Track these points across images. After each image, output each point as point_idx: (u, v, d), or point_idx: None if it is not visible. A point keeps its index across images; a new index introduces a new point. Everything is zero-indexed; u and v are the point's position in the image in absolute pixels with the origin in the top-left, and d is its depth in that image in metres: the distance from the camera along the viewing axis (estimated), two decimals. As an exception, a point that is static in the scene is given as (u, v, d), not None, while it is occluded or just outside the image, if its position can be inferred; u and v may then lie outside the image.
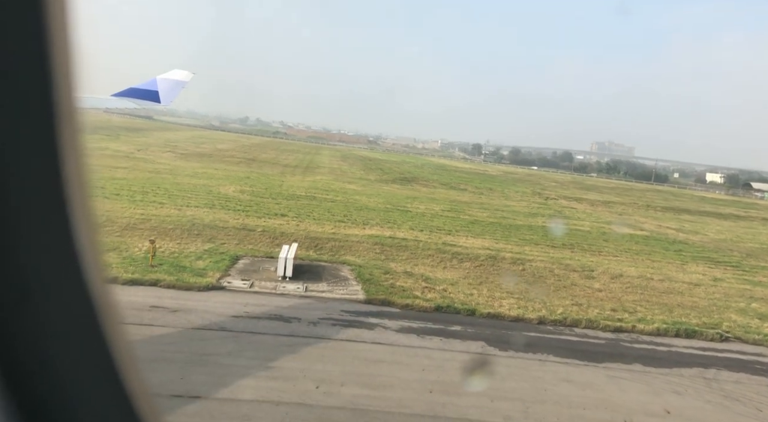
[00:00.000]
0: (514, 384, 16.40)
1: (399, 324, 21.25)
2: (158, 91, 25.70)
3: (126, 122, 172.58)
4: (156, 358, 15.76)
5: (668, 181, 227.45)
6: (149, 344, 16.70)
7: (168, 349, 16.55)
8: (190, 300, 21.45)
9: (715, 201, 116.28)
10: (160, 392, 13.77)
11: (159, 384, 14.18)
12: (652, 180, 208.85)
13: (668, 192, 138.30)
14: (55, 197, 1.61)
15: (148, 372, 13.19)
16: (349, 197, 56.47)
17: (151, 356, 15.86)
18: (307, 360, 16.89)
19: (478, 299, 25.39)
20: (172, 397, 13.63)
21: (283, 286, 24.84)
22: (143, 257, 26.09)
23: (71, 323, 1.72)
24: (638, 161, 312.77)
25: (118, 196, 39.29)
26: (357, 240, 35.18)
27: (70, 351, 1.72)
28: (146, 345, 16.54)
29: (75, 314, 1.71)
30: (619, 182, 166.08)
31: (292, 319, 20.60)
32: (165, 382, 14.27)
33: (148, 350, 16.27)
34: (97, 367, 1.76)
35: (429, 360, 17.83)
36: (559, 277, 31.34)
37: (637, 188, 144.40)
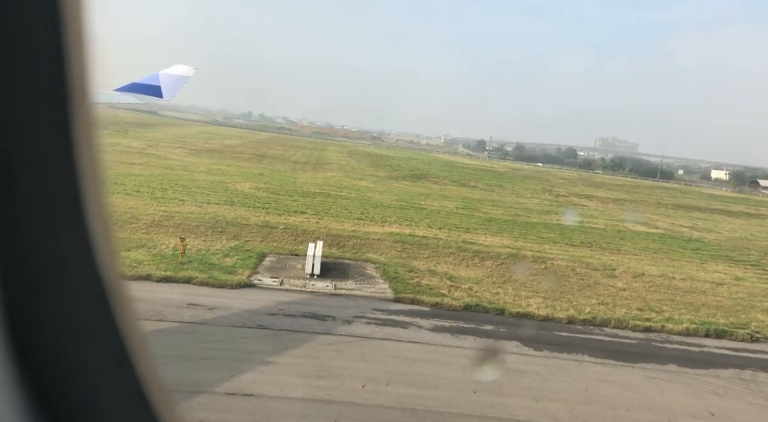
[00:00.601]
0: (555, 384, 16.58)
1: (431, 322, 21.43)
2: (161, 86, 25.78)
3: (132, 117, 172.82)
4: (204, 356, 15.98)
5: (673, 178, 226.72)
6: (194, 342, 16.92)
7: (214, 347, 16.75)
8: (224, 298, 21.66)
9: (723, 199, 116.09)
10: (215, 390, 14.01)
11: (212, 381, 14.42)
12: (657, 177, 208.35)
13: (676, 189, 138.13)
14: (70, 192, 1.63)
15: (199, 369, 13.44)
16: (362, 194, 56.60)
17: (198, 354, 16.09)
18: (350, 358, 17.09)
19: (504, 298, 25.55)
20: (226, 395, 13.84)
21: (312, 284, 25.04)
22: (172, 255, 26.30)
23: (86, 317, 1.73)
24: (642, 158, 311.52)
25: (139, 193, 39.50)
26: (378, 238, 35.33)
27: (84, 345, 1.73)
28: (191, 343, 16.76)
29: (90, 308, 1.72)
30: (626, 179, 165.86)
31: (327, 317, 20.79)
32: (217, 380, 14.49)
33: (195, 348, 16.49)
34: (111, 361, 1.77)
35: (466, 359, 18.01)
36: (581, 276, 31.46)
37: (644, 185, 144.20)
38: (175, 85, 26.39)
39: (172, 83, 26.19)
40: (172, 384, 14.03)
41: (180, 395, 13.62)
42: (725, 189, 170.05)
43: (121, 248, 26.20)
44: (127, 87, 25.64)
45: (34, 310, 1.66)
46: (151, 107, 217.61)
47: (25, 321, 1.65)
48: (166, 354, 15.86)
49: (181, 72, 26.97)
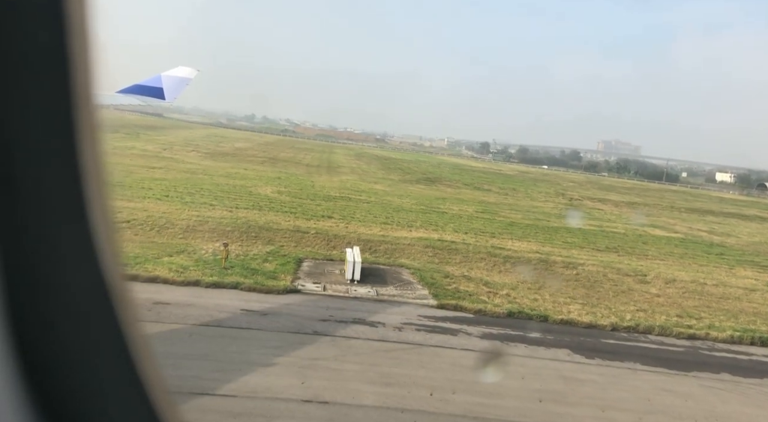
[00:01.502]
0: (616, 393, 16.72)
1: (479, 330, 21.58)
2: (163, 88, 25.89)
3: (139, 120, 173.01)
4: (269, 363, 16.15)
5: (678, 180, 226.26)
6: (258, 348, 17.11)
7: (276, 354, 16.93)
8: (274, 304, 21.84)
9: (734, 202, 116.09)
10: (291, 397, 14.18)
11: (285, 388, 14.61)
12: (663, 180, 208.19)
13: (685, 193, 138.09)
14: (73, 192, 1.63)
15: (270, 376, 13.59)
16: (381, 198, 56.77)
17: (265, 360, 16.28)
18: (409, 366, 17.26)
19: (544, 305, 25.69)
20: (303, 402, 14.01)
21: (354, 289, 25.20)
22: (213, 260, 26.50)
23: (88, 317, 1.73)
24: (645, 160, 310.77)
25: (168, 197, 39.70)
26: (408, 243, 35.50)
27: (87, 345, 1.74)
28: (255, 349, 16.95)
29: (92, 309, 1.72)
30: (634, 182, 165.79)
31: (377, 324, 20.95)
32: (290, 387, 14.69)
33: (260, 353, 16.69)
34: (113, 361, 1.77)
35: (523, 367, 18.16)
36: (614, 282, 31.59)
37: (653, 188, 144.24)
38: (177, 87, 26.54)
39: (174, 85, 26.34)
40: (247, 391, 14.24)
41: (258, 402, 13.82)
42: (732, 192, 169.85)
43: (162, 253, 26.43)
44: (129, 89, 25.67)
45: (36, 310, 1.66)
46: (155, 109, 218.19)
47: (27, 321, 1.65)
48: (234, 359, 16.11)
49: (183, 74, 27.14)
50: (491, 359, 18.67)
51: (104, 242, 1.68)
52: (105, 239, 1.69)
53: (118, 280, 1.72)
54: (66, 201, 1.64)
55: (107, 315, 1.71)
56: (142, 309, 19.37)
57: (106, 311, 1.71)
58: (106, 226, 1.70)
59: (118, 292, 1.72)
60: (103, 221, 1.68)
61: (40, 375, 1.68)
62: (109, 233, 1.72)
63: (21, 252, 1.61)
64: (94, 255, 1.66)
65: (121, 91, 25.79)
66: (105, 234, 1.69)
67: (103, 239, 1.68)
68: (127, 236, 28.44)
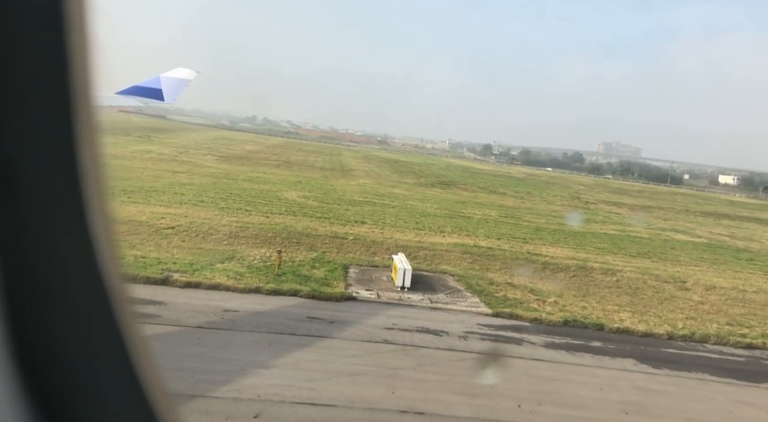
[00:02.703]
0: (695, 405, 16.85)
1: (541, 339, 21.68)
2: (162, 90, 25.93)
3: (146, 122, 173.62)
4: (355, 372, 16.27)
5: (682, 183, 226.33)
6: (337, 357, 17.21)
7: (356, 362, 17.04)
8: (336, 311, 21.96)
9: (744, 205, 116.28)
10: (388, 407, 14.29)
11: (378, 398, 14.74)
12: (668, 182, 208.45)
13: (694, 196, 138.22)
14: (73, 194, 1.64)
15: (358, 386, 13.71)
16: (404, 203, 56.85)
17: (347, 369, 16.40)
18: (485, 376, 17.32)
19: (595, 313, 25.79)
20: (400, 413, 14.11)
21: (407, 297, 25.30)
22: (264, 266, 26.63)
23: (87, 319, 1.72)
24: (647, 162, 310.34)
25: (204, 203, 39.82)
26: (444, 249, 35.60)
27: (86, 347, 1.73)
28: (336, 358, 17.05)
29: (91, 310, 1.72)
30: (642, 185, 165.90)
31: (441, 332, 21.05)
32: (383, 397, 14.82)
33: (341, 363, 16.80)
34: (113, 363, 1.76)
35: (597, 378, 18.27)
36: (655, 289, 31.70)
37: (661, 191, 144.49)
38: (177, 89, 26.62)
39: (173, 86, 26.42)
40: (344, 401, 14.33)
41: (357, 413, 13.91)
42: (739, 195, 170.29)
43: (214, 259, 26.52)
44: (128, 90, 25.88)
45: (35, 311, 1.65)
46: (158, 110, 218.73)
47: (26, 321, 1.64)
48: (318, 368, 16.19)
49: (182, 75, 27.21)
50: (562, 369, 18.74)
51: (104, 243, 1.69)
52: (104, 240, 1.70)
53: (117, 281, 1.73)
54: (65, 202, 1.65)
55: (106, 316, 1.72)
56: (215, 317, 19.50)
57: (105, 312, 1.71)
58: (106, 227, 1.71)
59: (117, 293, 1.73)
60: (102, 221, 1.69)
61: (38, 376, 1.68)
62: (109, 235, 1.72)
63: (20, 253, 1.62)
64: (93, 256, 1.68)
65: (121, 93, 25.82)
66: (104, 235, 1.70)
67: (103, 240, 1.69)
68: (174, 242, 28.54)
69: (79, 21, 1.57)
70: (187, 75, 27.41)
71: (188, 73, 27.56)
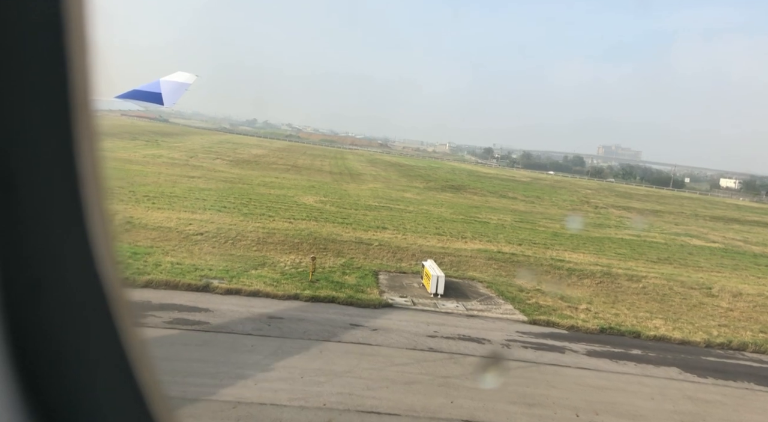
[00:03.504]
0: (750, 416, 16.88)
1: (581, 347, 21.68)
2: (161, 93, 25.97)
3: (150, 126, 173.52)
4: (409, 380, 16.27)
5: (684, 186, 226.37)
6: (388, 365, 17.21)
7: (408, 371, 17.05)
8: (376, 318, 21.96)
9: (751, 210, 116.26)
10: (450, 417, 14.28)
11: (439, 407, 14.74)
12: (670, 185, 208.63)
13: (700, 200, 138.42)
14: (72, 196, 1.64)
15: (416, 394, 13.72)
16: (418, 207, 56.86)
17: (401, 377, 16.42)
18: (538, 385, 17.35)
19: (627, 320, 25.80)
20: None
21: (442, 304, 25.31)
22: (296, 272, 26.68)
23: (86, 321, 1.72)
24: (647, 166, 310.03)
25: (227, 208, 39.84)
26: (469, 255, 35.60)
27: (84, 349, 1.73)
28: (389, 367, 17.04)
29: (90, 312, 1.71)
30: (647, 189, 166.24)
31: (483, 340, 21.05)
32: (443, 406, 14.84)
33: (393, 371, 16.80)
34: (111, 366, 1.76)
35: (645, 387, 18.27)
36: (682, 295, 31.71)
37: (667, 195, 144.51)
38: (176, 92, 26.70)
39: (172, 90, 26.48)
40: (405, 409, 14.33)
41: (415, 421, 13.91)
42: (742, 199, 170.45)
43: (247, 266, 26.52)
44: (128, 94, 25.92)
45: (34, 314, 1.65)
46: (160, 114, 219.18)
47: (25, 324, 1.64)
48: (373, 376, 16.19)
49: (181, 79, 27.28)
50: (611, 378, 18.75)
51: (102, 246, 1.69)
52: (103, 243, 1.69)
53: (116, 283, 1.73)
54: (64, 205, 1.65)
55: (105, 320, 1.72)
56: (261, 324, 19.51)
57: (104, 315, 1.71)
58: (105, 230, 1.71)
59: (115, 295, 1.72)
60: (101, 224, 1.69)
61: (37, 379, 1.67)
62: (108, 237, 1.72)
63: (19, 256, 1.62)
64: (92, 259, 1.68)
65: (120, 97, 25.85)
66: (103, 238, 1.70)
67: (102, 243, 1.69)
68: (206, 249, 28.55)
69: (78, 24, 1.58)
70: (187, 79, 27.43)
71: (187, 77, 27.57)
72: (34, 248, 1.64)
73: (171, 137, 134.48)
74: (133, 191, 40.56)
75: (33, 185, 1.61)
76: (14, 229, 1.61)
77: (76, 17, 1.57)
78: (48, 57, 1.55)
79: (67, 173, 1.62)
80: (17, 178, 1.58)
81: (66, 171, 1.62)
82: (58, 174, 1.62)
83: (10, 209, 1.59)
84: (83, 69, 1.59)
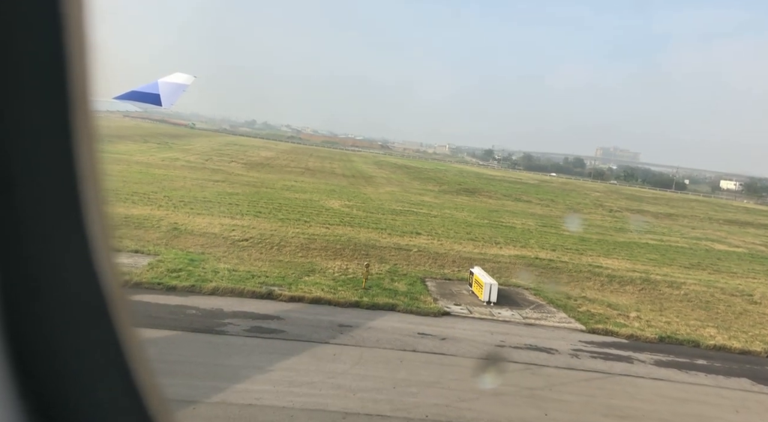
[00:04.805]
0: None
1: (647, 356, 21.64)
2: (159, 94, 25.83)
3: (156, 128, 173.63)
4: (496, 392, 16.23)
5: (686, 188, 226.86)
6: (469, 375, 17.13)
7: (495, 382, 16.95)
8: (440, 327, 21.91)
9: (761, 213, 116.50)
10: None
11: (535, 420, 14.62)
12: (673, 188, 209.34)
13: (708, 202, 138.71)
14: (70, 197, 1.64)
15: (511, 406, 13.64)
16: (441, 212, 56.82)
17: (487, 388, 16.29)
18: (622, 397, 17.32)
19: (681, 329, 25.76)
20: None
21: (497, 312, 25.25)
22: (346, 278, 26.67)
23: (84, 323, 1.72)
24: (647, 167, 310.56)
25: (262, 213, 39.71)
26: (508, 261, 35.57)
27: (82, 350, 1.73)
28: (468, 377, 16.98)
29: (88, 314, 1.71)
30: (654, 192, 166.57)
31: (550, 350, 20.99)
32: (537, 419, 14.84)
33: (474, 382, 16.71)
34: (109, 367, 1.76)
35: (725, 398, 18.24)
36: (726, 302, 31.73)
37: (676, 198, 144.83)
38: (174, 93, 26.54)
39: (170, 91, 26.33)
40: (498, 420, 14.26)
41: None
42: (746, 201, 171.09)
43: (300, 272, 26.42)
44: (126, 95, 25.79)
45: (33, 315, 1.65)
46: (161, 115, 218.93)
47: (24, 325, 1.64)
48: (463, 387, 16.14)
49: (180, 80, 27.14)
50: (688, 389, 18.71)
51: (101, 247, 1.70)
52: (102, 244, 1.70)
53: (114, 285, 1.73)
54: (64, 206, 1.66)
55: (103, 321, 1.72)
56: (334, 332, 19.43)
57: (102, 317, 1.72)
58: (103, 231, 1.71)
59: (114, 297, 1.72)
60: (100, 226, 1.69)
61: (35, 380, 1.68)
62: (106, 238, 1.73)
63: (18, 258, 1.62)
64: (91, 260, 1.68)
65: (118, 98, 25.72)
66: (102, 239, 1.70)
67: (100, 244, 1.69)
68: (254, 255, 28.45)
69: (77, 26, 1.58)
70: (185, 80, 27.30)
71: (186, 78, 27.44)
72: (34, 250, 1.64)
73: (179, 139, 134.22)
74: (168, 196, 40.43)
75: (32, 187, 1.61)
76: (13, 230, 1.61)
77: (76, 18, 1.57)
78: (47, 58, 1.55)
79: (67, 174, 1.62)
80: (16, 179, 1.58)
81: (65, 172, 1.62)
82: (58, 175, 1.62)
83: (10, 211, 1.59)
84: (82, 70, 1.59)
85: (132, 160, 64.58)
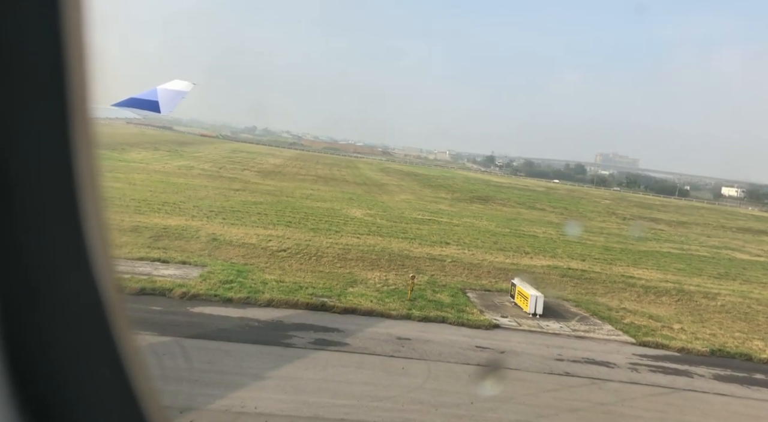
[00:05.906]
0: None
1: (705, 370, 21.50)
2: (158, 102, 25.84)
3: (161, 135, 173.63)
4: (571, 407, 16.07)
5: (688, 195, 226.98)
6: (540, 390, 17.05)
7: (564, 397, 16.90)
8: (494, 340, 21.82)
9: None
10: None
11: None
12: (676, 194, 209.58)
13: (716, 210, 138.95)
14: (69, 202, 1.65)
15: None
16: (461, 220, 56.76)
17: (562, 404, 16.26)
18: (694, 413, 17.20)
19: (729, 341, 25.61)
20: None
21: (546, 324, 25.08)
22: (388, 289, 26.57)
23: (82, 326, 1.72)
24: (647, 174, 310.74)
25: (292, 224, 39.60)
26: (542, 272, 35.44)
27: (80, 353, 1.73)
28: (540, 392, 16.84)
29: (86, 317, 1.72)
30: (662, 199, 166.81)
31: (609, 364, 20.85)
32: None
33: (550, 397, 16.66)
34: (106, 370, 1.76)
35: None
36: (763, 314, 31.60)
37: (683, 205, 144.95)
38: (173, 100, 26.58)
39: (169, 98, 26.36)
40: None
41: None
42: (752, 208, 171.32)
43: (343, 283, 26.26)
44: (125, 102, 25.84)
45: (31, 319, 1.66)
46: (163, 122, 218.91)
47: (22, 330, 1.65)
48: (538, 403, 15.97)
49: (178, 87, 27.21)
50: (755, 406, 18.55)
51: (99, 251, 1.70)
52: (99, 248, 1.71)
53: (111, 288, 1.74)
54: (62, 211, 1.66)
55: (101, 323, 1.72)
56: (396, 345, 19.29)
57: (99, 319, 1.72)
58: (101, 235, 1.72)
59: (111, 300, 1.73)
60: (98, 230, 1.70)
61: (32, 383, 1.68)
62: (104, 242, 1.73)
63: (16, 261, 1.62)
64: (89, 265, 1.69)
65: (117, 105, 25.78)
66: (100, 243, 1.71)
67: (98, 248, 1.70)
68: (294, 265, 28.32)
69: (76, 33, 1.58)
70: (184, 87, 27.35)
71: (184, 85, 27.49)
72: (32, 255, 1.65)
73: (186, 147, 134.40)
74: (197, 206, 40.35)
75: (31, 192, 1.62)
76: (12, 235, 1.61)
77: (75, 25, 1.58)
78: (47, 65, 1.55)
79: (65, 180, 1.63)
80: (15, 185, 1.59)
81: (64, 178, 1.62)
82: (56, 181, 1.63)
83: (9, 216, 1.60)
84: (81, 76, 1.60)
85: (150, 168, 64.53)
